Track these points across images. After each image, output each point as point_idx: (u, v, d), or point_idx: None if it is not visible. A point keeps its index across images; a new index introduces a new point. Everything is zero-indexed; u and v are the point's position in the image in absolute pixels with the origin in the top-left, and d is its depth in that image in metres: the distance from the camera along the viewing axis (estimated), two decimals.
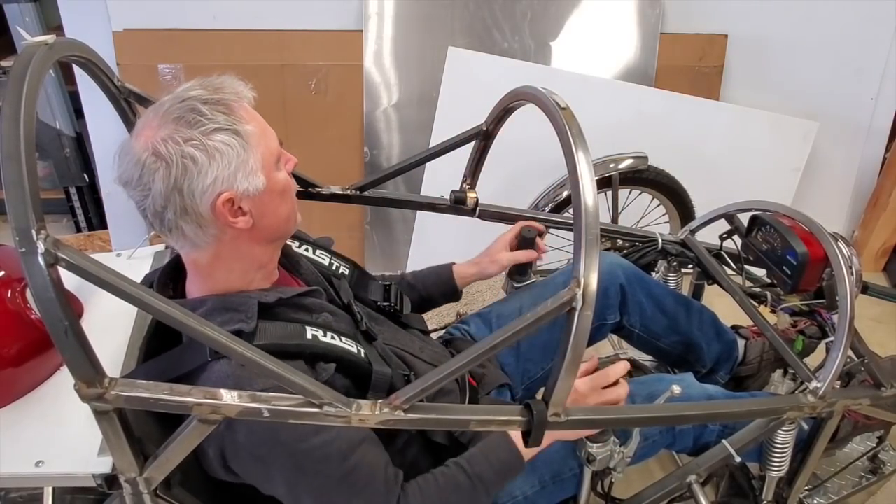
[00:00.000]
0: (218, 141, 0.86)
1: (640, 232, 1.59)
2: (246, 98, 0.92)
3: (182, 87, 0.90)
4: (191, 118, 0.86)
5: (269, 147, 0.92)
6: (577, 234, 0.83)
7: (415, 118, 2.40)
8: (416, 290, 1.39)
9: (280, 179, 0.95)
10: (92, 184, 2.68)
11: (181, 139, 0.85)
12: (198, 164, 0.85)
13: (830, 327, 1.41)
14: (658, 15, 2.34)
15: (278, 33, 2.28)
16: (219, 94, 0.89)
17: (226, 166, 0.87)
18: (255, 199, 0.91)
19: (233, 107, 0.89)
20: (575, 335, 0.84)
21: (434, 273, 1.41)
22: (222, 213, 0.89)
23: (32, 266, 0.69)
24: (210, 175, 0.86)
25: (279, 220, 0.97)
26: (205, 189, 0.86)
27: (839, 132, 2.53)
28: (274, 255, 1.03)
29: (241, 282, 0.98)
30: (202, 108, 0.86)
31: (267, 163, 0.92)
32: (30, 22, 2.33)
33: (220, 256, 0.95)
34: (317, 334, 0.97)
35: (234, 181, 0.88)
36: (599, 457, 1.08)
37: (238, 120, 0.88)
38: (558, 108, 0.92)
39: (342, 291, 1.15)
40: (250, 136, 0.89)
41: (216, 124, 0.86)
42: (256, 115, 0.93)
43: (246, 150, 0.88)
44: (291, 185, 0.99)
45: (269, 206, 0.94)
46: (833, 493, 1.47)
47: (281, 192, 0.95)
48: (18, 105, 0.74)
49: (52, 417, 1.00)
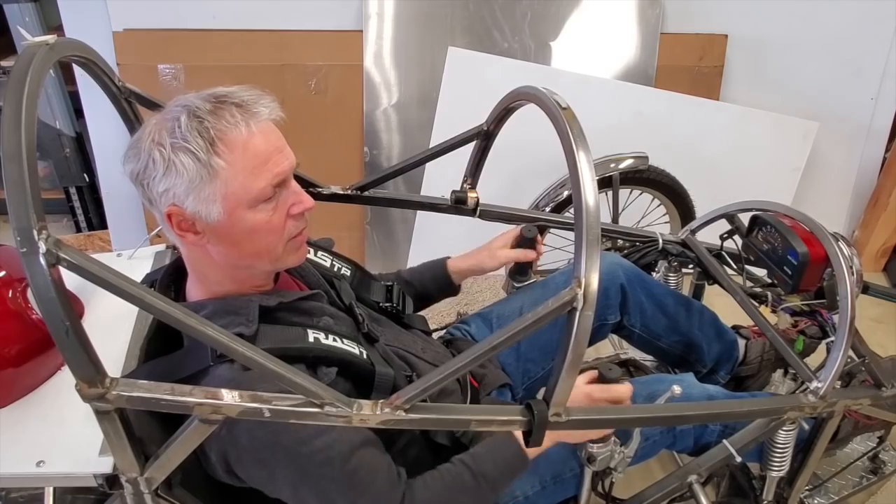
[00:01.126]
0: (178, 159, 0.85)
1: (641, 232, 1.59)
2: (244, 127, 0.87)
3: (208, 90, 0.90)
4: (171, 125, 0.86)
5: (245, 186, 0.88)
6: (578, 234, 0.83)
7: (415, 118, 2.40)
8: (413, 287, 1.38)
9: (249, 219, 0.90)
10: (92, 184, 2.67)
11: (156, 140, 0.86)
12: (156, 169, 0.86)
13: (831, 327, 1.41)
14: (658, 15, 2.34)
15: (278, 33, 2.28)
16: (214, 115, 0.86)
17: (178, 184, 0.86)
18: (211, 225, 0.89)
19: (213, 135, 0.85)
20: (576, 335, 0.84)
21: (429, 269, 1.40)
22: (170, 223, 0.90)
23: (34, 266, 0.69)
24: (163, 184, 0.87)
25: (243, 254, 0.93)
26: (159, 193, 0.88)
27: (839, 132, 2.53)
28: (249, 272, 0.99)
29: (234, 284, 0.98)
30: (185, 121, 0.85)
31: (236, 200, 0.88)
32: (30, 22, 2.33)
33: (191, 256, 0.96)
34: (318, 337, 0.97)
35: (185, 200, 0.87)
36: (600, 457, 1.08)
37: (210, 150, 0.85)
38: (559, 108, 0.92)
39: (343, 293, 1.15)
40: (217, 170, 0.86)
41: (186, 144, 0.85)
42: (255, 149, 0.88)
43: (204, 180, 0.86)
44: (273, 227, 0.92)
45: (228, 238, 0.91)
46: (833, 493, 1.47)
47: (249, 231, 0.91)
48: (19, 105, 0.74)
49: (53, 417, 1.00)
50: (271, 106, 0.91)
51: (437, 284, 1.39)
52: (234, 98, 0.89)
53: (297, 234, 0.98)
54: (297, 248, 0.99)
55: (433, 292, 1.40)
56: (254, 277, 1.00)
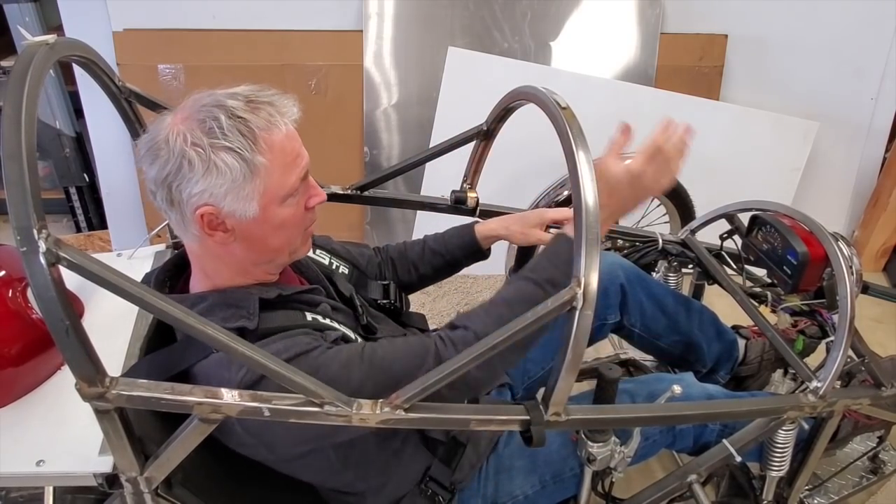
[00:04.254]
0: (221, 159, 0.85)
1: (641, 232, 1.59)
2: (282, 125, 0.90)
3: (232, 88, 0.90)
4: (210, 125, 0.86)
5: (281, 182, 0.90)
6: (578, 233, 0.84)
7: (415, 118, 2.40)
8: (441, 256, 1.33)
9: (280, 214, 0.93)
10: (92, 184, 2.68)
11: (191, 140, 0.85)
12: (193, 170, 0.85)
13: (831, 327, 1.41)
14: (658, 15, 2.34)
15: (278, 33, 2.28)
16: (253, 114, 0.87)
17: (219, 184, 0.86)
18: (242, 222, 0.90)
19: (256, 133, 0.87)
20: (575, 335, 0.84)
21: (456, 235, 1.34)
22: (201, 223, 0.89)
23: (34, 265, 0.69)
24: (200, 185, 0.86)
25: (267, 249, 0.96)
26: (192, 194, 0.87)
27: (839, 132, 2.53)
28: (266, 267, 1.01)
29: (240, 278, 0.98)
30: (225, 121, 0.86)
31: (271, 196, 0.90)
32: (30, 22, 2.33)
33: (207, 254, 0.96)
34: (317, 317, 0.99)
35: (223, 200, 0.87)
36: (600, 456, 1.08)
37: (254, 148, 0.87)
38: (559, 107, 0.92)
39: (342, 287, 1.15)
40: (259, 168, 0.87)
41: (228, 143, 0.85)
42: (288, 146, 0.91)
43: (246, 179, 0.87)
44: (297, 221, 0.96)
45: (258, 234, 0.93)
46: (833, 493, 1.47)
47: (278, 226, 0.94)
48: (19, 105, 0.74)
49: (53, 417, 1.00)
50: (296, 105, 0.94)
51: (466, 252, 1.33)
52: (263, 97, 0.90)
53: (310, 226, 1.01)
54: (308, 238, 1.03)
55: (461, 258, 1.35)
56: (266, 272, 1.01)
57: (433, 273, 1.35)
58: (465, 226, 1.34)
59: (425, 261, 1.33)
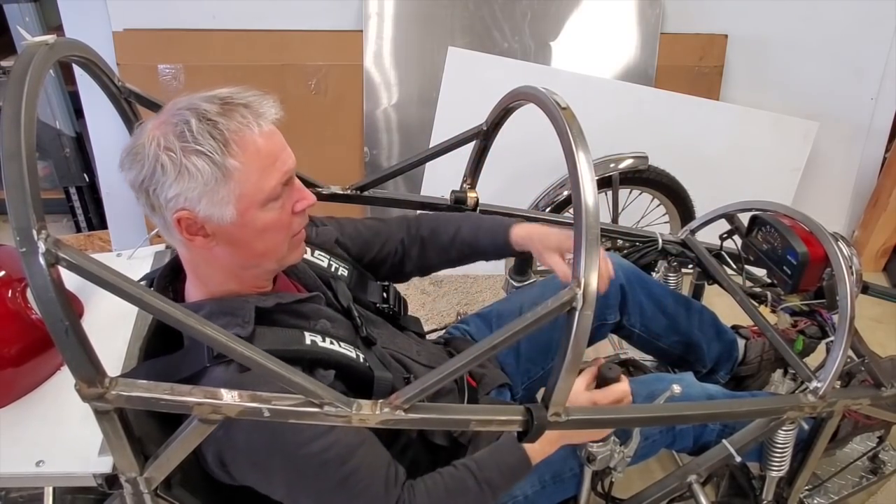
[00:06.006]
0: (192, 162, 0.84)
1: (641, 232, 1.59)
2: (255, 126, 0.87)
3: (214, 90, 0.89)
4: (181, 129, 0.85)
5: (258, 186, 0.88)
6: (578, 233, 0.84)
7: (415, 118, 2.40)
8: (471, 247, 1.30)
9: (261, 218, 0.90)
10: (92, 184, 2.67)
11: (164, 144, 0.85)
12: (166, 174, 0.85)
13: (831, 327, 1.41)
14: (658, 15, 2.34)
15: (278, 33, 2.28)
16: (224, 117, 0.86)
17: (191, 188, 0.85)
18: (222, 227, 0.89)
19: (227, 136, 0.85)
20: (575, 335, 0.84)
21: (490, 232, 1.29)
22: (179, 228, 0.89)
23: (33, 266, 0.69)
24: (174, 189, 0.85)
25: (252, 254, 0.94)
26: (168, 199, 0.86)
27: (839, 132, 2.53)
28: (255, 272, 0.99)
29: (233, 283, 0.98)
30: (195, 124, 0.84)
31: (249, 200, 0.88)
32: (30, 22, 2.33)
33: (196, 258, 0.95)
34: (315, 340, 0.97)
35: (197, 204, 0.86)
36: (600, 456, 1.08)
37: (225, 151, 0.85)
38: (559, 107, 0.92)
39: (341, 295, 1.14)
40: (231, 171, 0.85)
41: (199, 146, 0.84)
42: (264, 148, 0.88)
43: (219, 182, 0.85)
44: (282, 225, 0.94)
45: (241, 238, 0.91)
46: (833, 493, 1.47)
47: (260, 230, 0.91)
48: (19, 105, 0.74)
49: (53, 417, 1.00)
50: (275, 106, 0.91)
51: (497, 253, 1.31)
52: (239, 99, 0.88)
53: (299, 231, 0.98)
54: (298, 245, 1.00)
55: (490, 255, 1.33)
56: (255, 278, 1.00)
57: (458, 260, 1.34)
58: (500, 225, 1.29)
59: (455, 248, 1.31)
